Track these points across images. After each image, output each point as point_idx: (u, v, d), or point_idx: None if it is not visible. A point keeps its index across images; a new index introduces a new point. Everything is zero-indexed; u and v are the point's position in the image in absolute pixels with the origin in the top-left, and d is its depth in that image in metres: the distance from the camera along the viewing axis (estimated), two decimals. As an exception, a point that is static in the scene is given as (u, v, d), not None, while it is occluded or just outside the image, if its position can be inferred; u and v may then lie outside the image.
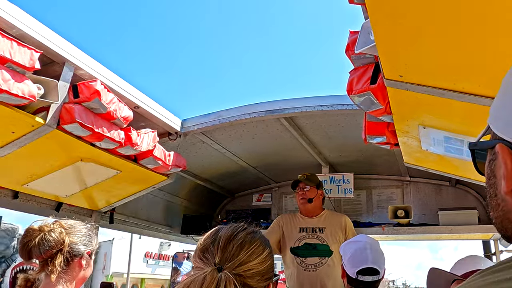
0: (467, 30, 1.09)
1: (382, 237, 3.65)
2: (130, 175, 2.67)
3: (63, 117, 1.92)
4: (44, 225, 1.46)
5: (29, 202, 2.58)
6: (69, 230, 1.48)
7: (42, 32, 1.77)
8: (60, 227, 1.47)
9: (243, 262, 0.90)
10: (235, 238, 0.95)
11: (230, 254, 0.91)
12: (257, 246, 0.95)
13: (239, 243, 0.93)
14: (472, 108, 1.44)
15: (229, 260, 0.90)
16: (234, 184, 4.36)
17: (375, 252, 1.81)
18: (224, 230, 0.98)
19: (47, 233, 1.43)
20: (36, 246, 1.41)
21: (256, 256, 0.93)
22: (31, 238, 1.42)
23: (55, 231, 1.45)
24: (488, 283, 0.46)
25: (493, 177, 0.55)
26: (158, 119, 2.65)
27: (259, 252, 0.95)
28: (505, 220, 0.53)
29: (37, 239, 1.41)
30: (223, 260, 0.90)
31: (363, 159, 3.72)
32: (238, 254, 0.91)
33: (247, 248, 0.93)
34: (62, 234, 1.45)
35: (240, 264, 0.90)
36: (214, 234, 0.97)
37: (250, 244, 0.94)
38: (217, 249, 0.92)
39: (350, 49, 1.71)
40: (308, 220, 3.11)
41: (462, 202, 3.70)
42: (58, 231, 1.45)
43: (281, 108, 2.82)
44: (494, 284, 0.45)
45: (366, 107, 1.86)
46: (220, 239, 0.95)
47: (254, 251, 0.94)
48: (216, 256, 0.91)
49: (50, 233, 1.43)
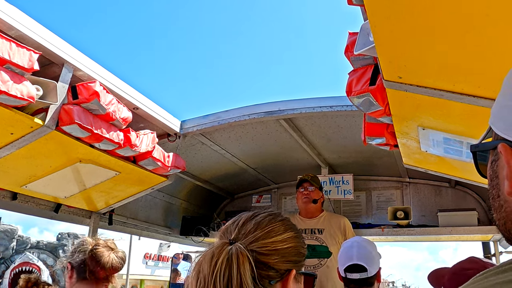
0: (467, 31, 1.09)
1: (382, 239, 3.65)
2: (129, 176, 2.66)
3: (62, 118, 1.92)
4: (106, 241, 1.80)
5: (28, 204, 2.57)
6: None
7: (41, 33, 1.77)
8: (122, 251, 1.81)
9: (259, 238, 0.86)
10: (255, 217, 0.91)
11: (246, 231, 0.87)
12: (277, 226, 0.90)
13: (258, 222, 0.89)
14: (472, 110, 1.44)
15: (244, 236, 0.86)
16: (234, 185, 4.35)
17: (361, 249, 1.82)
18: (247, 213, 0.95)
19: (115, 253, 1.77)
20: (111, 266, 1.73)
21: (275, 234, 0.88)
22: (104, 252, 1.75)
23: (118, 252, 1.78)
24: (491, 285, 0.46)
25: (495, 178, 0.54)
26: (157, 120, 2.65)
27: (279, 231, 0.89)
28: (508, 221, 0.52)
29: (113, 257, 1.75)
30: (238, 236, 0.87)
31: (363, 160, 3.72)
32: (255, 231, 0.87)
33: (264, 226, 0.88)
34: None
35: (256, 240, 0.85)
36: (237, 217, 0.94)
37: (268, 223, 0.90)
38: (236, 227, 0.89)
39: (349, 50, 1.71)
40: (307, 221, 3.10)
41: (462, 204, 3.70)
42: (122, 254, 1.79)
43: (280, 109, 2.81)
44: (498, 286, 0.45)
45: (365, 108, 1.86)
46: (240, 218, 0.92)
47: (272, 229, 0.89)
48: (233, 233, 0.88)
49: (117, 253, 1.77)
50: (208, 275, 0.80)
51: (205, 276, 0.81)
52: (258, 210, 0.96)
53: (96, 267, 1.69)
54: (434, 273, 1.51)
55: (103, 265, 1.70)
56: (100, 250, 1.73)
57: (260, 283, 0.82)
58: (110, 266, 1.71)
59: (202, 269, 0.82)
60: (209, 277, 0.80)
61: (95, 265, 1.70)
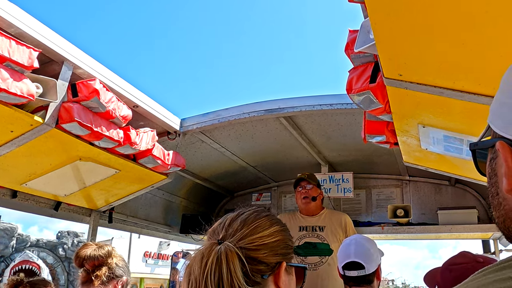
0: (467, 29, 1.09)
1: (382, 237, 3.66)
2: (129, 174, 2.67)
3: (62, 116, 1.92)
4: (97, 243, 1.80)
5: (28, 202, 2.58)
6: (115, 254, 1.80)
7: (40, 31, 1.76)
8: (109, 247, 1.80)
9: (246, 235, 0.87)
10: (240, 216, 0.93)
11: (233, 229, 0.89)
12: (263, 222, 0.92)
13: (243, 220, 0.91)
14: (472, 107, 1.44)
15: (232, 235, 0.88)
16: (233, 184, 4.35)
17: (359, 247, 1.82)
18: (232, 213, 0.96)
19: (97, 248, 1.75)
20: (89, 256, 1.73)
21: (261, 230, 0.90)
22: (85, 249, 1.75)
23: (104, 248, 1.77)
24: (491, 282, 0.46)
25: (494, 176, 0.54)
26: (157, 118, 2.65)
27: (265, 226, 0.91)
28: (507, 219, 0.52)
29: (90, 250, 1.73)
30: (226, 235, 0.88)
31: (363, 158, 3.72)
32: (241, 229, 0.89)
33: (250, 223, 0.90)
34: (109, 252, 1.76)
35: (243, 237, 0.87)
36: (223, 218, 0.96)
37: (254, 220, 0.91)
38: (222, 227, 0.91)
39: (349, 48, 1.71)
40: (308, 219, 3.11)
41: (462, 202, 3.70)
42: (108, 249, 1.77)
43: (280, 107, 2.81)
44: (497, 283, 0.45)
45: (366, 106, 1.86)
46: (226, 218, 0.94)
47: (259, 225, 0.90)
48: (220, 233, 0.89)
49: (100, 249, 1.75)
50: (199, 276, 0.82)
51: (196, 277, 0.82)
52: (242, 208, 0.98)
53: (75, 261, 1.74)
54: (428, 274, 1.52)
55: (79, 257, 1.72)
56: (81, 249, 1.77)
57: (253, 279, 0.83)
58: (84, 256, 1.71)
59: (192, 270, 0.84)
60: (200, 277, 0.81)
61: (75, 260, 1.75)
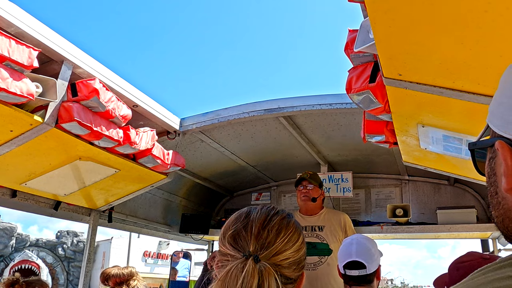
0: (466, 28, 1.09)
1: (381, 236, 3.66)
2: (129, 174, 2.67)
3: (62, 116, 1.92)
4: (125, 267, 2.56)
5: (28, 201, 2.57)
6: (138, 277, 2.50)
7: (40, 31, 1.76)
8: (133, 269, 2.55)
9: (280, 251, 0.84)
10: (269, 223, 0.87)
11: (265, 242, 0.84)
12: (293, 233, 0.88)
13: (275, 230, 0.86)
14: (471, 107, 1.44)
15: (265, 248, 0.83)
16: (233, 183, 4.35)
17: (360, 246, 1.82)
18: (256, 214, 0.90)
19: (122, 269, 2.51)
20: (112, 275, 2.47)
21: (293, 244, 0.86)
22: (111, 268, 2.51)
23: (128, 269, 2.54)
24: (490, 281, 0.46)
25: (493, 175, 0.55)
26: (157, 117, 2.65)
27: (295, 240, 0.88)
28: (506, 218, 0.52)
29: (115, 270, 2.51)
30: (258, 248, 0.83)
31: (362, 158, 3.72)
32: (275, 241, 0.84)
33: (283, 235, 0.86)
34: (132, 273, 2.51)
35: (277, 253, 0.83)
36: (245, 218, 0.90)
37: (286, 230, 0.87)
38: (251, 235, 0.85)
39: (349, 47, 1.71)
40: (307, 218, 3.11)
41: (461, 201, 3.71)
42: (131, 270, 2.53)
43: (280, 107, 2.81)
44: (496, 282, 0.45)
45: (365, 106, 1.86)
46: (253, 223, 0.87)
47: (290, 238, 0.87)
48: (250, 244, 0.83)
49: (124, 269, 2.51)
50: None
51: None
52: (262, 207, 0.93)
53: (100, 277, 2.51)
54: (437, 278, 1.52)
55: (104, 274, 2.48)
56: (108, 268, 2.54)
57: None
58: (109, 273, 2.45)
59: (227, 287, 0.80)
60: None
61: (100, 276, 2.52)
